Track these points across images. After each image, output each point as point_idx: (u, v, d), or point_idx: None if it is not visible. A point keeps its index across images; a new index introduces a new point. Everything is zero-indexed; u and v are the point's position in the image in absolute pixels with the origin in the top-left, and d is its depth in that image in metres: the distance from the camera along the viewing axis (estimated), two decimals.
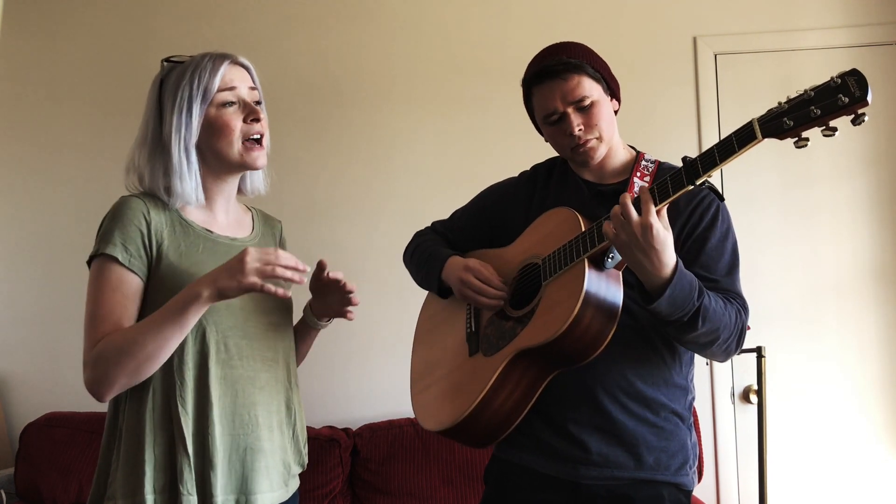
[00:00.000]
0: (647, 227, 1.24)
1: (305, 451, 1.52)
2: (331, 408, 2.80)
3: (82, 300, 3.09)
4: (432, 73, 3.00)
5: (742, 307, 1.44)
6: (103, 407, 2.87)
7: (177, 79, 1.40)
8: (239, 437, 1.36)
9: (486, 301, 1.55)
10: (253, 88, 1.45)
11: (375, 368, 2.87)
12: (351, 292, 1.48)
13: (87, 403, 2.77)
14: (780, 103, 1.19)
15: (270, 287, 1.25)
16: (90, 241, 3.18)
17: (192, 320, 1.28)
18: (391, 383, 2.78)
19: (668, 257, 1.27)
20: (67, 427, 2.72)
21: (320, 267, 1.47)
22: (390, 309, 2.81)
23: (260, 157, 1.43)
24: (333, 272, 1.46)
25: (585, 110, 1.50)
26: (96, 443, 2.68)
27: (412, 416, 2.60)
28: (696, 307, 1.31)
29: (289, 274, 1.26)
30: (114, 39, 3.09)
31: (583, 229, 1.40)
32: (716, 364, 2.83)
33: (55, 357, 2.94)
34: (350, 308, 1.51)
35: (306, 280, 1.31)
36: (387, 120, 2.99)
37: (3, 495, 2.55)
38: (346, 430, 2.71)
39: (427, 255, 1.72)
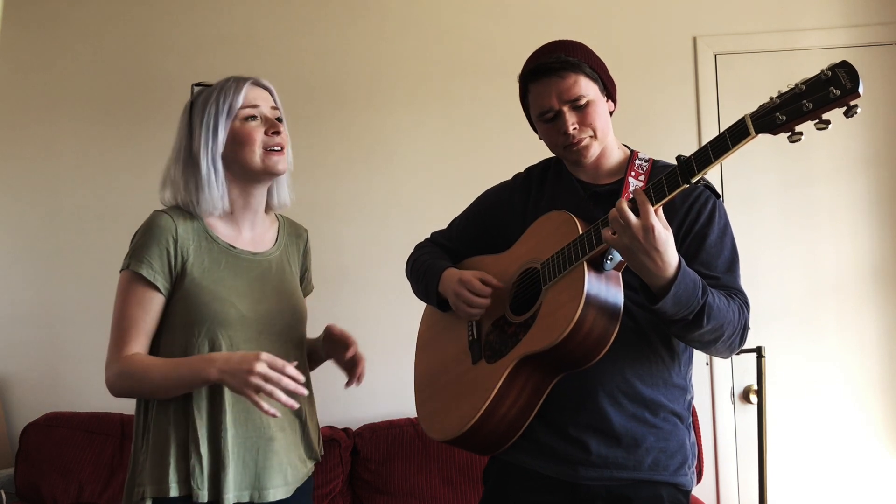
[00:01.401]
0: (648, 229, 1.24)
1: (320, 444, 1.64)
2: (331, 408, 2.78)
3: (82, 301, 3.10)
4: (432, 72, 3.00)
5: (744, 303, 1.44)
6: (103, 407, 2.88)
7: (204, 100, 1.53)
8: (252, 439, 1.47)
9: (476, 311, 1.55)
10: (274, 108, 1.57)
11: (375, 369, 2.83)
12: (358, 374, 1.63)
13: (88, 403, 2.80)
14: (771, 98, 1.18)
15: (264, 406, 1.35)
16: (90, 242, 3.18)
17: (198, 387, 1.43)
18: (391, 383, 2.77)
19: (671, 256, 1.27)
20: (67, 427, 2.73)
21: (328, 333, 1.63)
22: (391, 309, 2.81)
23: (280, 161, 1.53)
24: (351, 349, 1.61)
25: (581, 109, 1.49)
26: (96, 443, 2.69)
27: (412, 416, 2.61)
28: (701, 305, 1.31)
29: (283, 398, 1.34)
30: (114, 40, 3.09)
31: (580, 232, 1.40)
32: (716, 364, 2.83)
33: (55, 357, 2.94)
34: (353, 381, 1.64)
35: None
36: (387, 120, 2.99)
37: (3, 495, 2.56)
38: (346, 430, 2.71)
39: (424, 268, 1.71)
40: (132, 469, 1.48)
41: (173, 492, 1.40)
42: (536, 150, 1.75)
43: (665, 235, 1.25)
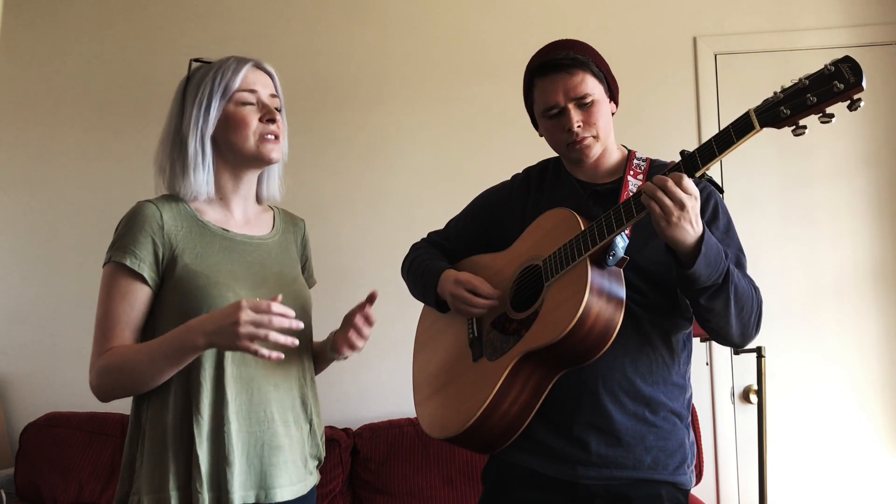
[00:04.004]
0: (695, 197, 1.26)
1: (322, 443, 1.55)
2: (331, 408, 2.79)
3: (82, 300, 3.09)
4: (431, 72, 3.00)
5: (757, 287, 1.45)
6: (103, 407, 2.87)
7: (200, 77, 1.45)
8: (255, 434, 1.38)
9: (478, 311, 1.55)
10: (274, 96, 1.49)
11: (375, 368, 2.87)
12: (359, 337, 1.51)
13: (88, 403, 2.79)
14: (775, 93, 1.20)
15: (265, 352, 1.24)
16: (90, 241, 3.17)
17: (188, 360, 1.31)
18: (391, 383, 2.78)
19: (700, 221, 1.29)
20: (67, 427, 2.72)
21: (370, 299, 1.52)
22: (390, 309, 2.79)
23: (274, 150, 1.45)
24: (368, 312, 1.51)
25: (586, 108, 1.50)
26: (96, 443, 2.69)
27: (412, 416, 2.61)
28: (727, 266, 1.33)
29: (283, 339, 1.25)
30: (115, 39, 3.10)
31: (582, 228, 1.40)
32: (716, 364, 2.83)
33: (55, 357, 2.94)
34: (347, 348, 1.52)
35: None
36: (386, 119, 2.99)
37: (3, 495, 2.56)
38: (346, 430, 2.71)
39: (422, 269, 1.72)
40: (123, 478, 1.38)
41: (174, 500, 1.31)
42: (536, 151, 1.76)
43: (699, 198, 1.28)
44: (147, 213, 1.40)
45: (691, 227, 1.26)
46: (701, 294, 1.35)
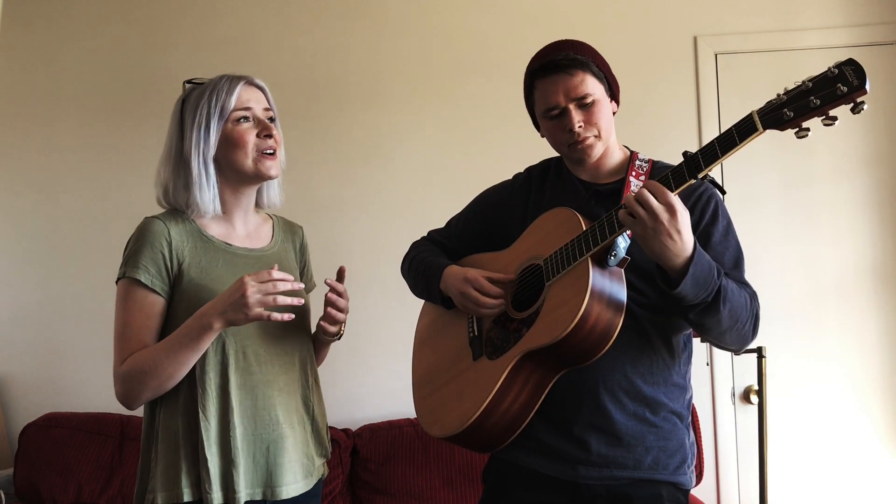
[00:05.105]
0: (672, 209, 1.24)
1: (328, 439, 1.63)
2: (331, 408, 2.76)
3: (82, 300, 3.09)
4: (432, 72, 3.00)
5: (753, 294, 1.45)
6: (102, 407, 2.87)
7: (196, 99, 1.52)
8: (261, 436, 1.47)
9: (488, 312, 1.55)
10: (267, 109, 1.56)
11: (375, 369, 2.87)
12: (336, 309, 1.57)
13: (87, 403, 2.80)
14: (778, 95, 1.20)
15: (277, 315, 1.37)
16: (90, 240, 3.17)
17: (206, 344, 1.41)
18: (391, 383, 2.78)
19: (690, 236, 1.28)
20: (67, 427, 2.72)
21: (340, 274, 1.57)
22: (390, 309, 2.81)
23: (272, 167, 1.53)
24: (334, 281, 1.57)
25: (587, 108, 1.50)
26: (95, 443, 2.69)
27: (412, 416, 2.60)
28: (718, 285, 1.32)
29: (289, 300, 1.38)
30: (115, 39, 3.09)
31: (584, 228, 1.40)
32: (716, 364, 2.83)
33: (55, 357, 2.94)
34: (328, 324, 1.58)
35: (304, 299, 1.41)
36: (386, 119, 2.99)
37: (3, 496, 2.56)
38: (345, 430, 2.71)
39: (424, 266, 1.71)
40: (141, 475, 1.47)
41: (186, 496, 1.40)
42: (536, 150, 1.75)
43: (685, 214, 1.26)
44: (156, 229, 1.48)
45: (670, 240, 1.25)
46: (689, 310, 1.35)
